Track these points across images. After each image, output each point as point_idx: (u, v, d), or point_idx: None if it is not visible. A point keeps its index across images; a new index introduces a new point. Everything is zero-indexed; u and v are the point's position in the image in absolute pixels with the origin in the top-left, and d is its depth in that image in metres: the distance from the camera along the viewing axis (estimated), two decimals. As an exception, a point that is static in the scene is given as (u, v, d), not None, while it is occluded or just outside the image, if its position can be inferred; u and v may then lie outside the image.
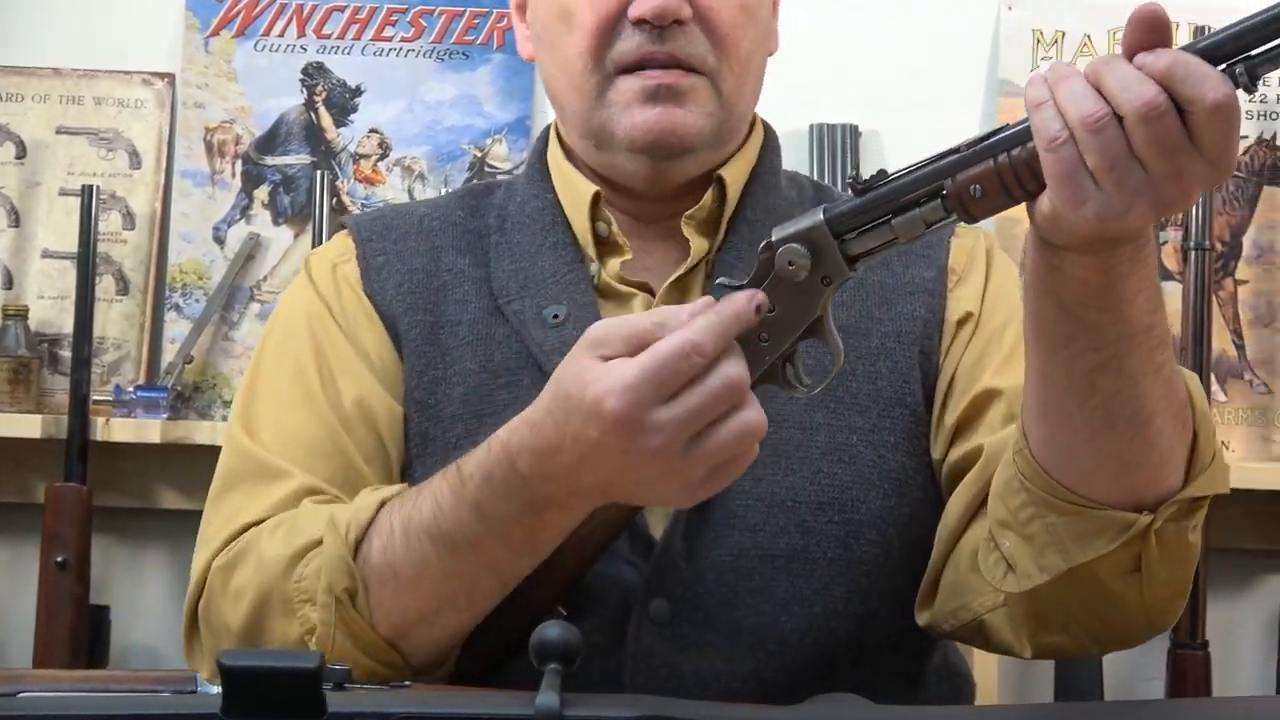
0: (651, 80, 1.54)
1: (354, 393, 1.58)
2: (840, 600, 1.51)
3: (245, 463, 1.55)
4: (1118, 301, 1.24)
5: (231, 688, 1.01)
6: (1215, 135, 1.13)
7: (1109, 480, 1.33)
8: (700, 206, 1.59)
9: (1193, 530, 1.38)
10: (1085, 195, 1.15)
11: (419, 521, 1.39)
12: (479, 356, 1.56)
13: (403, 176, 2.73)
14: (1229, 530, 2.53)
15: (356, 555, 1.41)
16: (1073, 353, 1.28)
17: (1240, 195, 2.62)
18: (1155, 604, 1.41)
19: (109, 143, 2.73)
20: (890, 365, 1.56)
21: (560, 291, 1.57)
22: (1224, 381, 2.60)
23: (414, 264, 1.63)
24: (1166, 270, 2.61)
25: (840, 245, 1.27)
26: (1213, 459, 1.37)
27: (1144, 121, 1.12)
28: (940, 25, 2.73)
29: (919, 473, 1.56)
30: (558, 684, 1.06)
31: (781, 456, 1.51)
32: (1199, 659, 2.45)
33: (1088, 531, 1.35)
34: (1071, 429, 1.32)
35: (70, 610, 2.48)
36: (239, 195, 2.72)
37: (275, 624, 1.44)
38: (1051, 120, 1.16)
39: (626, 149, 1.56)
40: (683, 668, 1.48)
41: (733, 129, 1.60)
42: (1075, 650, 1.50)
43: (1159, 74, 1.13)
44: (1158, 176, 1.14)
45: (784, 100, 2.64)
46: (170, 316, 2.69)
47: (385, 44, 2.75)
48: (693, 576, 1.49)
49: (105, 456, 2.58)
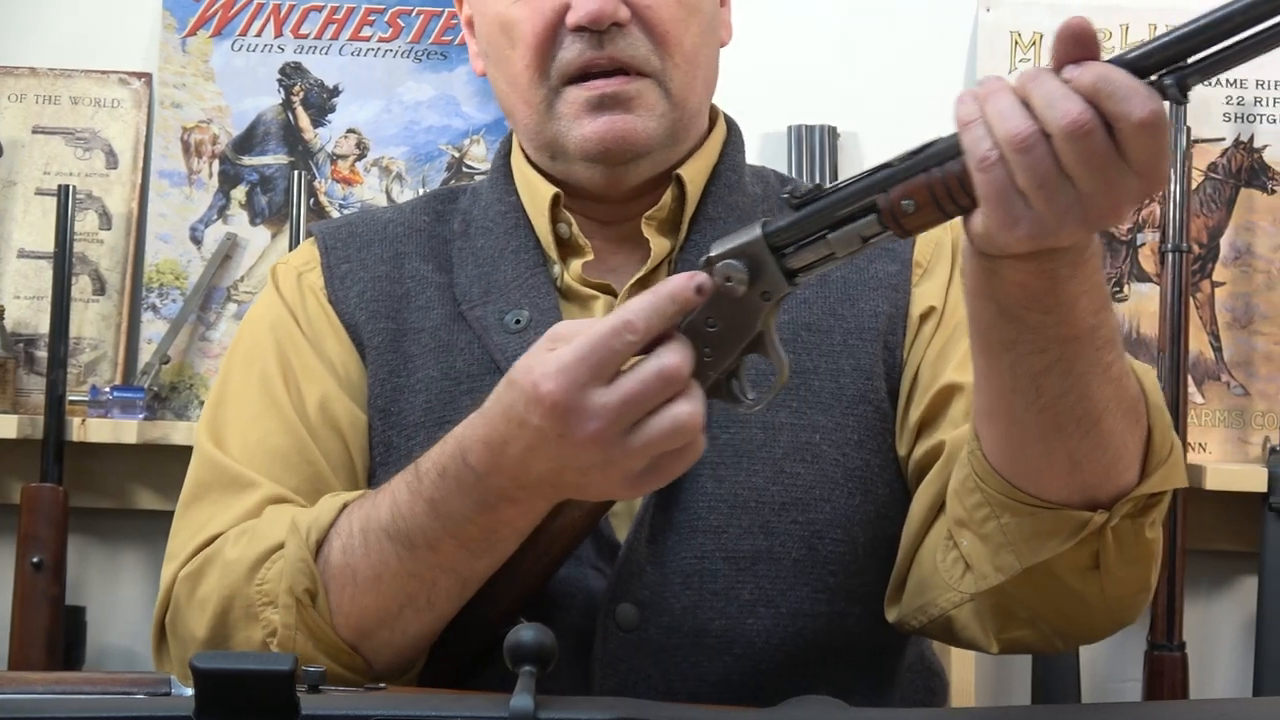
0: (596, 90, 1.54)
1: (317, 397, 1.58)
2: (806, 600, 1.51)
3: (213, 473, 1.55)
4: (1058, 304, 1.23)
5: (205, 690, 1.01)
6: (1144, 150, 1.11)
7: (1061, 480, 1.33)
8: (660, 206, 1.59)
9: (1150, 526, 1.38)
10: (1017, 215, 1.14)
11: (377, 521, 1.39)
12: (441, 364, 1.56)
13: (380, 177, 2.72)
14: (1206, 531, 2.55)
15: (317, 557, 1.41)
16: (1016, 356, 1.27)
17: (1218, 197, 2.63)
18: (1117, 600, 1.41)
19: (86, 142, 2.72)
20: (853, 362, 1.56)
21: (522, 296, 1.57)
22: (1201, 383, 2.60)
23: (377, 271, 1.63)
24: (1144, 272, 2.62)
25: (779, 260, 1.26)
26: (1169, 454, 1.37)
27: (1071, 139, 1.11)
28: (918, 27, 2.73)
29: (884, 469, 1.56)
30: (532, 686, 1.06)
31: (744, 457, 1.51)
32: (1176, 660, 2.45)
33: (1042, 531, 1.35)
34: (1020, 430, 1.32)
35: (46, 611, 2.48)
36: (216, 195, 2.72)
37: (239, 629, 1.44)
38: (981, 139, 1.14)
39: (580, 159, 1.56)
40: (650, 672, 1.48)
41: (686, 126, 1.60)
42: (1042, 646, 1.49)
43: (1085, 90, 1.11)
44: (1088, 193, 1.12)
45: (762, 102, 2.67)
46: (147, 317, 2.68)
47: (363, 44, 2.74)
48: (658, 580, 1.48)
49: (81, 457, 2.58)
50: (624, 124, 1.54)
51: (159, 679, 1.23)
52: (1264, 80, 2.62)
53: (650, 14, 1.54)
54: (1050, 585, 1.39)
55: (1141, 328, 2.61)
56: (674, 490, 1.49)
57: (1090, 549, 1.35)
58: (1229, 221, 2.63)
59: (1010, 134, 1.12)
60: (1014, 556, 1.37)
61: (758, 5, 2.71)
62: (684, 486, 1.49)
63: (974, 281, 1.26)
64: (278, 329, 1.62)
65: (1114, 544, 1.35)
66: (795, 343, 1.54)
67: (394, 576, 1.38)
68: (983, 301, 1.26)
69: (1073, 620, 1.44)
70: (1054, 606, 1.42)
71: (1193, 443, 2.55)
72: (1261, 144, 2.63)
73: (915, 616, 1.50)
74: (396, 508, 1.38)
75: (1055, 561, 1.36)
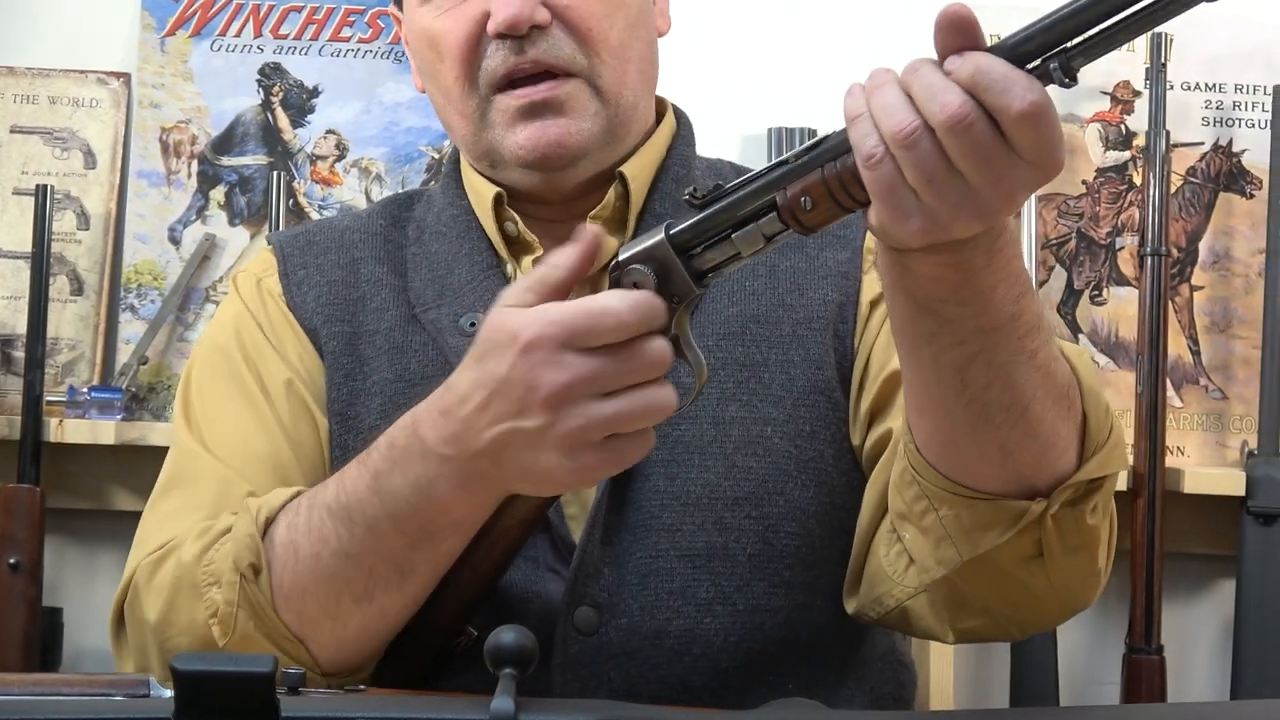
0: (525, 99, 1.54)
1: (282, 386, 1.59)
2: (764, 596, 1.50)
3: (191, 463, 1.56)
4: (975, 295, 1.21)
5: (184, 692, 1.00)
6: (1031, 140, 1.09)
7: (995, 470, 1.32)
8: (604, 205, 1.59)
9: (1091, 512, 1.36)
10: (908, 210, 1.12)
11: (323, 498, 1.39)
12: (395, 366, 1.56)
13: (360, 178, 2.72)
14: (1184, 535, 2.55)
15: (265, 536, 1.41)
16: (937, 349, 1.26)
17: (1196, 201, 2.63)
18: (1065, 586, 1.41)
19: (64, 142, 2.71)
20: (803, 353, 1.55)
21: (476, 299, 1.57)
22: (1180, 387, 2.61)
23: (333, 276, 1.63)
24: (1123, 276, 2.63)
25: (686, 262, 1.25)
26: (1108, 438, 1.35)
27: (952, 134, 1.09)
28: (899, 28, 2.73)
29: (838, 460, 1.55)
30: (513, 688, 1.06)
31: (695, 453, 1.50)
32: (1154, 663, 2.46)
33: (981, 523, 1.34)
34: (950, 423, 1.31)
35: (23, 612, 2.47)
36: (195, 196, 2.71)
37: (184, 610, 1.44)
38: (868, 135, 1.12)
39: (517, 166, 1.56)
40: (611, 676, 1.47)
41: (624, 121, 1.59)
42: (998, 634, 1.49)
43: (964, 82, 1.09)
44: (978, 185, 1.10)
45: (742, 103, 2.67)
46: (125, 317, 2.67)
47: (343, 45, 2.74)
48: (615, 581, 1.48)
49: (59, 458, 2.57)
50: (557, 129, 1.54)
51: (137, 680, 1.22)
52: (1243, 85, 2.62)
53: (570, 13, 1.54)
54: (995, 576, 1.38)
55: (1120, 331, 2.61)
56: (625, 489, 1.49)
57: (1032, 538, 1.35)
58: (1208, 226, 2.64)
59: (894, 129, 1.10)
60: (954, 549, 1.37)
61: (736, 6, 2.71)
62: (635, 485, 1.49)
63: (888, 276, 1.25)
64: (242, 331, 1.63)
65: (1055, 532, 1.34)
66: (744, 335, 1.54)
67: (332, 556, 1.37)
68: (899, 296, 1.25)
69: (1023, 609, 1.43)
70: (1002, 596, 1.41)
71: (1171, 446, 2.55)
72: (1240, 148, 2.63)
73: (872, 608, 1.50)
74: (342, 484, 1.38)
75: (997, 552, 1.35)
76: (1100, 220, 2.64)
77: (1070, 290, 2.63)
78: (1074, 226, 2.63)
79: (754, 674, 1.49)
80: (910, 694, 1.66)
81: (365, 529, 1.35)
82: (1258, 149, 2.62)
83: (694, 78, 2.46)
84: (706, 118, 1.89)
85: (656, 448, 1.46)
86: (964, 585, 1.40)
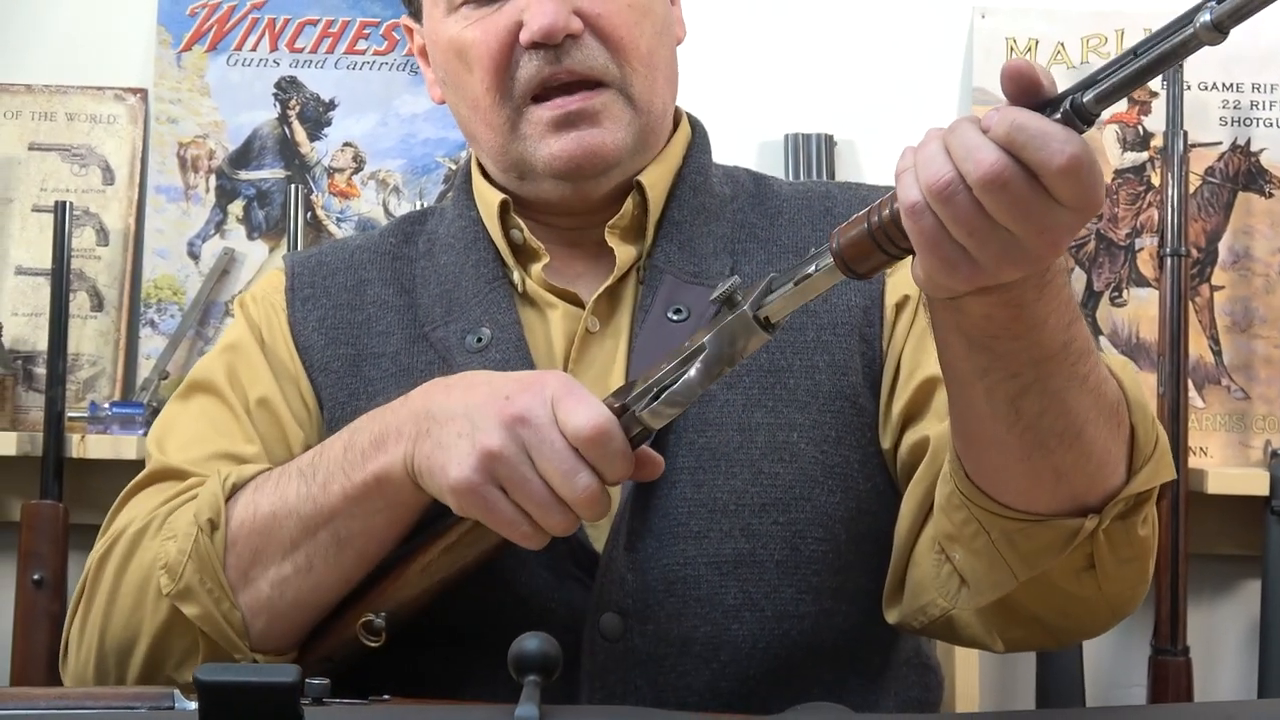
0: (560, 109, 1.53)
1: (260, 395, 1.60)
2: (790, 602, 1.50)
3: (156, 468, 1.58)
4: (1028, 329, 1.20)
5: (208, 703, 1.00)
6: (1072, 191, 1.08)
7: (1048, 493, 1.31)
8: (621, 215, 1.59)
9: (1142, 524, 1.37)
10: (953, 260, 1.12)
11: (298, 463, 1.45)
12: (402, 386, 1.56)
13: (378, 190, 2.72)
14: (1208, 536, 2.54)
15: (230, 498, 1.45)
16: (990, 383, 1.25)
17: (1215, 201, 2.62)
18: (1116, 595, 1.41)
19: (82, 159, 2.72)
20: (828, 358, 1.55)
21: (483, 314, 1.57)
22: (1201, 388, 2.60)
23: (339, 299, 1.64)
24: (1143, 277, 2.62)
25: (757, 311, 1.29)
26: (1155, 449, 1.35)
27: (989, 191, 1.08)
28: (914, 34, 2.73)
29: (864, 464, 1.54)
30: (537, 695, 1.06)
31: (722, 460, 1.50)
32: (1180, 664, 2.45)
33: (1035, 544, 1.34)
34: (1002, 452, 1.30)
35: (47, 628, 2.47)
36: (213, 210, 2.71)
37: (135, 564, 1.47)
38: (910, 187, 1.12)
39: (549, 177, 1.55)
40: (639, 683, 1.47)
41: (654, 130, 1.59)
42: (1047, 642, 1.50)
43: (1000, 140, 1.07)
44: (1020, 235, 1.09)
45: (759, 110, 2.67)
46: (145, 332, 2.68)
47: (358, 57, 2.74)
48: (640, 588, 1.48)
49: (81, 473, 2.57)
50: (592, 139, 1.53)
51: (162, 693, 1.22)
52: (1260, 84, 2.62)
53: (603, 22, 1.53)
54: (1047, 589, 1.38)
55: (1141, 332, 2.61)
56: (651, 496, 1.48)
57: (1084, 552, 1.35)
58: (1227, 225, 2.63)
59: (929, 182, 1.10)
60: (1008, 571, 1.36)
61: (753, 14, 2.71)
62: (661, 492, 1.49)
63: (939, 319, 1.25)
64: (232, 350, 1.64)
65: (1107, 545, 1.35)
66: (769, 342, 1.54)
67: (287, 515, 1.42)
68: (951, 335, 1.24)
69: (1073, 618, 1.44)
70: (1053, 607, 1.41)
71: (1194, 447, 2.55)
72: (1259, 147, 2.63)
73: (916, 618, 1.49)
74: (320, 449, 1.44)
75: (1049, 567, 1.35)
76: (1119, 221, 2.63)
77: (1090, 292, 2.62)
78: (1093, 228, 2.63)
79: (781, 679, 1.48)
80: (937, 697, 1.66)
81: (320, 486, 1.41)
82: (1276, 148, 2.62)
83: (711, 85, 2.46)
84: (724, 124, 1.89)
85: (683, 455, 1.46)
86: (1014, 597, 1.39)
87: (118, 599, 1.48)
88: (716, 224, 1.60)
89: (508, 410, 1.31)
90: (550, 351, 1.56)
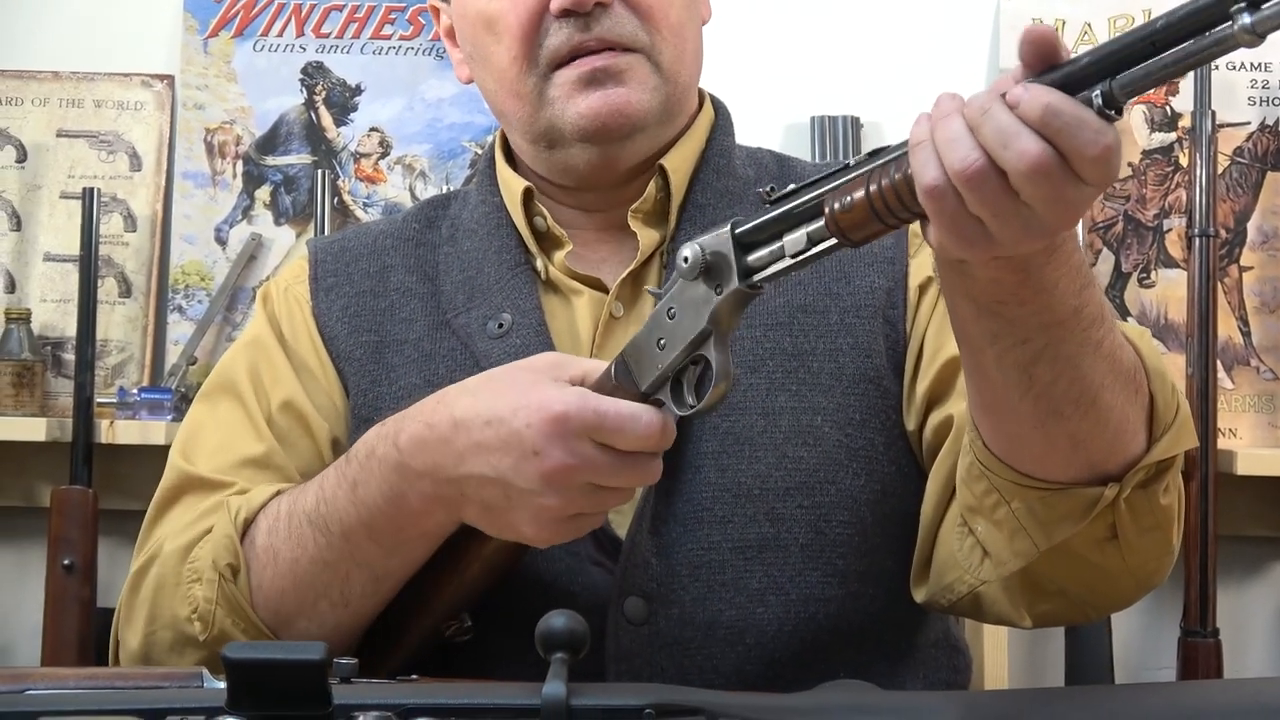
0: (586, 67, 1.53)
1: (283, 398, 1.60)
2: (816, 585, 1.50)
3: (181, 481, 1.58)
4: (1036, 293, 1.19)
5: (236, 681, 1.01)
6: (1099, 173, 1.07)
7: (1065, 460, 1.31)
8: (645, 199, 1.58)
9: (1164, 492, 1.36)
10: (971, 236, 1.10)
11: (302, 506, 1.44)
12: (424, 372, 1.57)
13: (404, 175, 2.73)
14: (1238, 517, 2.54)
15: (245, 536, 1.46)
16: (1001, 349, 1.24)
17: (1244, 181, 2.61)
18: (1140, 566, 1.40)
19: (109, 145, 2.72)
20: (852, 340, 1.54)
21: (504, 299, 1.57)
22: (1231, 369, 2.59)
23: (362, 286, 1.64)
24: (1171, 258, 2.61)
25: (743, 258, 1.24)
26: (1175, 416, 1.34)
27: (1031, 180, 1.06)
28: (940, 15, 2.73)
29: (889, 447, 1.54)
30: (564, 673, 1.05)
31: (746, 444, 1.50)
32: (1210, 646, 2.44)
33: (1054, 513, 1.34)
34: (1017, 419, 1.29)
35: (77, 613, 2.48)
36: (240, 196, 2.72)
37: (166, 606, 1.48)
38: (928, 164, 1.10)
39: (577, 140, 1.55)
40: (665, 666, 1.47)
41: (679, 101, 1.59)
42: (1074, 616, 1.49)
43: (1034, 123, 1.05)
44: (1042, 212, 1.08)
45: (785, 92, 2.67)
46: (173, 318, 2.69)
47: (384, 42, 2.75)
48: (665, 572, 1.48)
49: (110, 459, 2.58)
50: (619, 97, 1.53)
51: (190, 674, 1.23)
52: (1289, 63, 2.61)
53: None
54: (1070, 560, 1.38)
55: (1169, 314, 2.60)
56: (675, 481, 1.48)
57: (1105, 521, 1.34)
58: (1256, 205, 2.62)
59: (959, 166, 1.08)
60: (1029, 541, 1.36)
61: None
62: (685, 477, 1.49)
63: (946, 283, 1.24)
64: (254, 347, 1.65)
65: (1128, 514, 1.34)
66: (792, 325, 1.54)
67: (311, 563, 1.42)
68: (959, 300, 1.24)
69: (1098, 590, 1.43)
70: (1078, 579, 1.41)
71: (1223, 428, 2.54)
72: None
73: (943, 595, 1.49)
74: (322, 493, 1.43)
75: (1072, 538, 1.35)
76: (1147, 202, 2.62)
77: (1118, 273, 2.62)
78: (1121, 209, 2.62)
79: (807, 662, 1.48)
80: (965, 678, 1.66)
81: (342, 537, 1.41)
82: (1305, 127, 2.61)
83: (737, 67, 2.46)
84: (749, 106, 1.89)
85: (706, 439, 1.46)
86: (1038, 570, 1.39)
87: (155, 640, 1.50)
88: (739, 206, 1.59)
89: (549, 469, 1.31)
90: (574, 337, 1.57)
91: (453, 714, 1.07)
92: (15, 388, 2.58)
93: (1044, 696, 1.11)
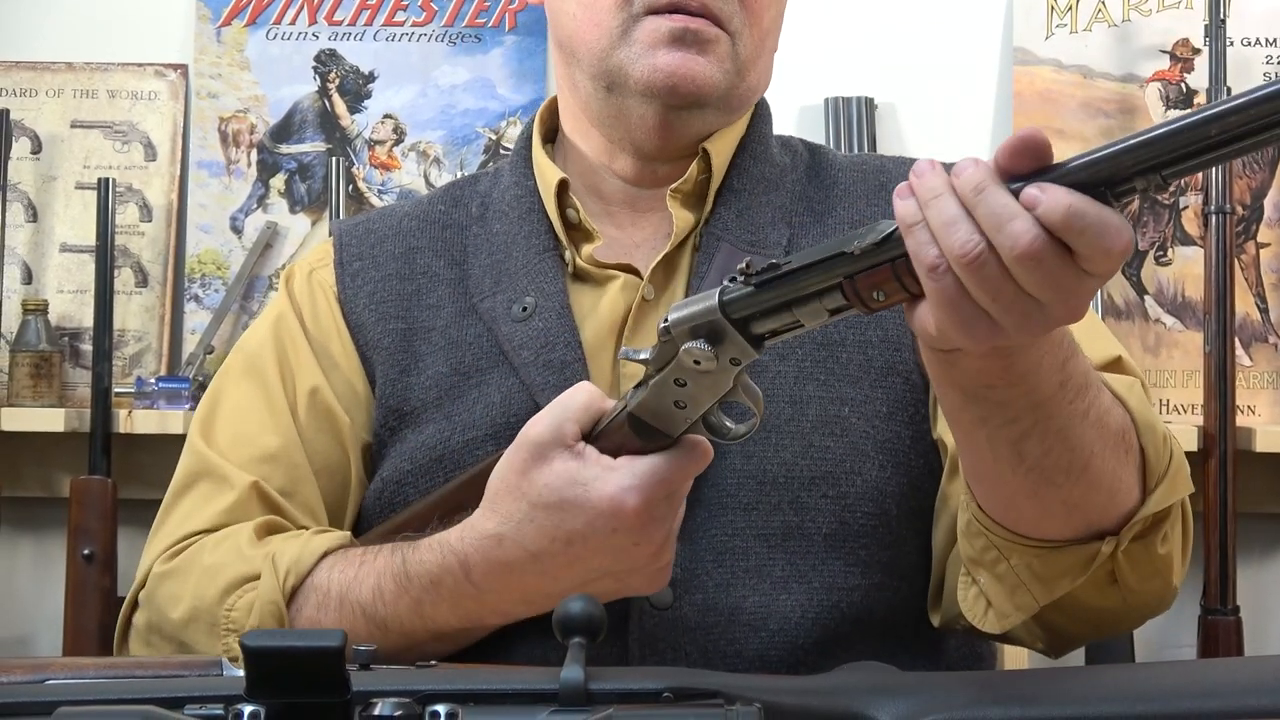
0: (680, 23, 1.51)
1: (309, 388, 1.60)
2: (839, 575, 1.50)
3: (200, 466, 1.58)
4: (1021, 376, 1.18)
5: (255, 668, 1.01)
6: (1110, 267, 1.06)
7: (1061, 523, 1.32)
8: (686, 179, 1.58)
9: (1162, 541, 1.37)
10: (973, 320, 1.09)
11: (356, 597, 1.42)
12: (451, 359, 1.56)
13: (418, 161, 2.73)
14: (1257, 495, 2.53)
15: (291, 602, 1.44)
16: (990, 430, 1.24)
17: (1260, 158, 2.60)
18: (1141, 606, 1.42)
19: (124, 135, 2.73)
20: (881, 333, 1.54)
21: (530, 283, 1.57)
22: (1248, 346, 2.58)
23: (389, 270, 1.64)
24: (1188, 235, 2.60)
25: (742, 329, 1.21)
26: (1168, 468, 1.35)
27: (1023, 266, 1.04)
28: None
29: (917, 441, 1.54)
30: (583, 657, 1.05)
31: (772, 432, 1.49)
32: (1230, 624, 2.44)
33: (1054, 569, 1.35)
34: (1010, 489, 1.30)
35: (98, 602, 2.49)
36: (255, 184, 2.73)
37: (202, 642, 1.47)
38: (927, 246, 1.08)
39: (641, 93, 1.54)
40: (689, 649, 1.47)
41: (741, 97, 1.59)
42: (1091, 638, 1.54)
43: (1057, 227, 1.03)
44: (1047, 303, 1.07)
45: (800, 73, 2.66)
46: (190, 307, 2.70)
47: (397, 29, 2.75)
48: (689, 558, 1.47)
49: (129, 449, 2.59)
50: (697, 65, 1.52)
51: (209, 661, 1.23)
52: (1305, 38, 2.60)
53: None
54: (1073, 606, 1.39)
55: (1186, 291, 2.59)
56: None
57: (1105, 570, 1.35)
58: (1272, 182, 2.61)
59: (956, 251, 1.06)
60: (1030, 596, 1.37)
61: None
62: (712, 464, 1.48)
63: (934, 373, 1.23)
64: (279, 327, 1.64)
65: (1128, 565, 1.35)
66: None
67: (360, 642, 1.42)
68: (945, 388, 1.24)
69: (1104, 625, 1.46)
70: (1082, 619, 1.43)
71: (1242, 406, 2.53)
72: (1304, 103, 2.60)
73: (958, 621, 1.49)
74: (380, 595, 1.41)
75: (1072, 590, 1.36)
76: (1163, 180, 2.61)
77: (1135, 251, 2.61)
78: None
79: (829, 650, 1.48)
80: (990, 665, 1.66)
81: (400, 634, 1.41)
82: (1321, 103, 2.59)
83: (749, 49, 2.45)
84: (765, 89, 1.88)
85: None
86: (1043, 615, 1.41)
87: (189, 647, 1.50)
88: (775, 194, 1.60)
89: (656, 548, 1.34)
90: (600, 321, 1.56)
91: (471, 699, 1.07)
92: (33, 378, 2.59)
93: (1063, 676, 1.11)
